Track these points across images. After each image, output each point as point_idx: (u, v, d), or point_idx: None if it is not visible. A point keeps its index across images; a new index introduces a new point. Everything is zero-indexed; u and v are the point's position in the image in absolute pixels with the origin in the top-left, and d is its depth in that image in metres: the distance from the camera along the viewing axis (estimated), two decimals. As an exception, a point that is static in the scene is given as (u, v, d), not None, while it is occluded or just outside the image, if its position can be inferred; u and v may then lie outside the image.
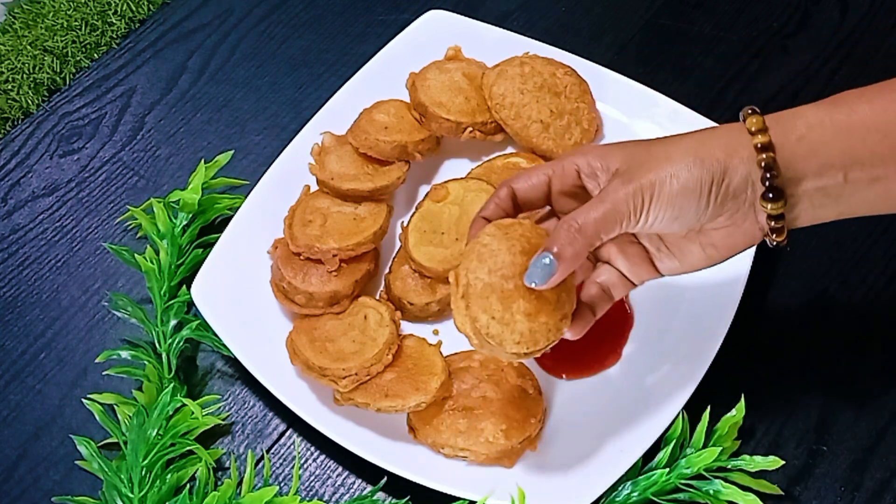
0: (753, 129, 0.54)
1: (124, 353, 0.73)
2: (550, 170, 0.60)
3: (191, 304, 0.74)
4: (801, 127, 0.54)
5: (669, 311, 0.73)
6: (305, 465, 0.71)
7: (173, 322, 0.74)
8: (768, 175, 0.53)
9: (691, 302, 0.72)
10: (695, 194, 0.54)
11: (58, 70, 0.91)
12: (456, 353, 0.72)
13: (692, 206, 0.54)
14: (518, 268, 0.56)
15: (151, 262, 0.76)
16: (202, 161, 0.80)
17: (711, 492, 0.65)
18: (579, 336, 0.59)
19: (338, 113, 0.81)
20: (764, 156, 0.53)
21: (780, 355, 0.73)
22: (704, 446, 0.67)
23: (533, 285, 0.55)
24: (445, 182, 0.78)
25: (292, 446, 0.72)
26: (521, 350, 0.56)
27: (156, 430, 0.69)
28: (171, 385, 0.71)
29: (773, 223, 0.55)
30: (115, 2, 0.94)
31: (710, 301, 0.71)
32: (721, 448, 0.66)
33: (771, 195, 0.54)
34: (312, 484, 0.70)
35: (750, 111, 0.55)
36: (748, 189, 0.54)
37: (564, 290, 0.57)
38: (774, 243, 0.57)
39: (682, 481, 0.66)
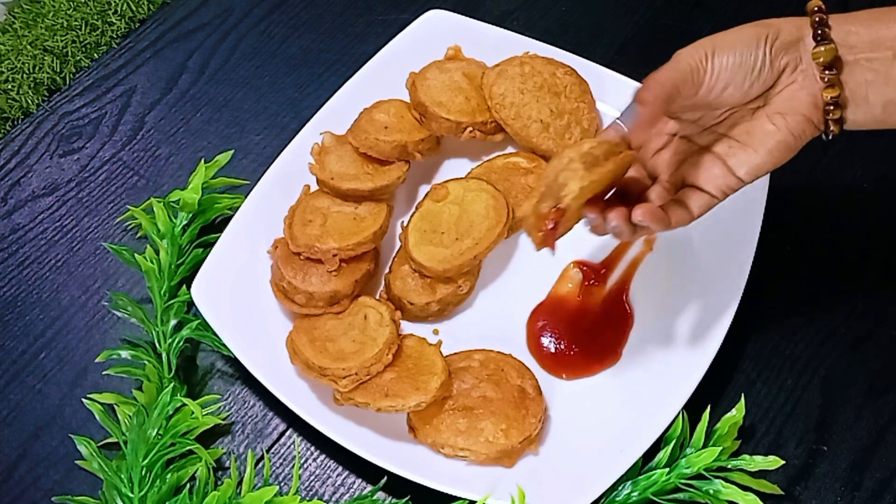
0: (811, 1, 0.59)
1: (124, 353, 0.73)
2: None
3: (191, 303, 0.74)
4: (860, 12, 0.59)
5: (669, 311, 0.73)
6: (305, 465, 0.71)
7: (173, 322, 0.74)
8: (818, 21, 0.59)
9: (691, 302, 0.72)
10: (751, 42, 0.59)
11: (58, 70, 0.91)
12: (456, 353, 0.72)
13: (751, 51, 0.59)
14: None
15: (151, 262, 0.76)
16: (202, 161, 0.80)
17: (711, 492, 0.65)
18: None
19: (338, 113, 0.81)
20: (817, 16, 0.59)
21: (780, 354, 0.73)
22: (704, 446, 0.67)
23: (622, 126, 0.61)
24: (445, 182, 0.78)
25: (292, 446, 0.72)
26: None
27: (156, 430, 0.69)
28: (171, 385, 0.71)
29: (826, 74, 0.58)
30: (115, 2, 0.94)
31: (710, 301, 0.71)
32: (721, 448, 0.66)
33: (820, 37, 0.58)
34: (312, 484, 0.70)
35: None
36: (800, 43, 0.59)
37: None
38: (830, 129, 0.60)
39: (682, 481, 0.66)
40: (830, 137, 0.61)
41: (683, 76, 0.60)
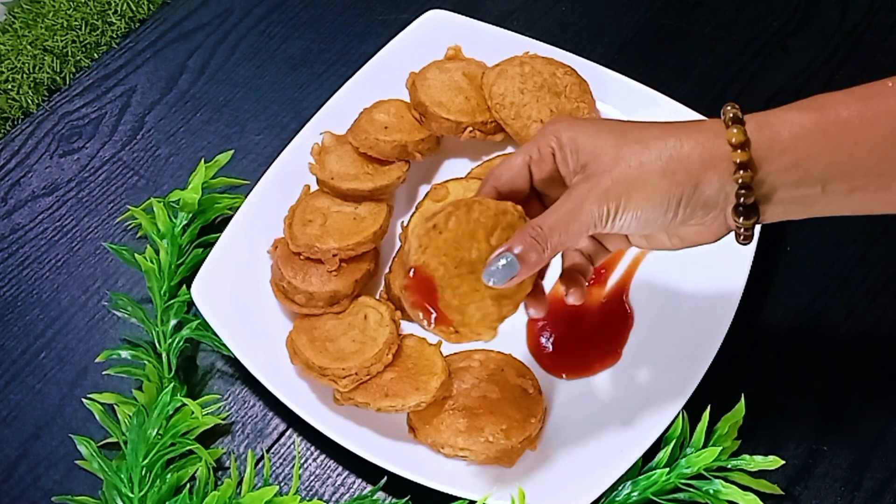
0: (734, 141, 0.52)
1: (124, 353, 0.73)
2: (528, 156, 0.57)
3: (191, 303, 0.74)
4: (786, 137, 0.52)
5: (669, 311, 0.73)
6: (305, 465, 0.71)
7: (173, 322, 0.74)
8: (742, 192, 0.52)
9: (691, 302, 0.72)
10: (662, 207, 0.53)
11: (58, 70, 0.91)
12: (456, 353, 0.72)
13: (660, 216, 0.54)
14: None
15: (151, 262, 0.76)
16: (202, 161, 0.80)
17: (711, 491, 0.65)
18: (579, 302, 0.60)
19: (338, 113, 0.81)
20: (741, 174, 0.52)
21: (780, 355, 0.73)
22: (704, 446, 0.67)
23: (490, 283, 0.55)
24: (445, 182, 0.78)
25: (292, 446, 0.72)
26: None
27: (156, 430, 0.69)
28: (171, 385, 0.71)
29: (742, 230, 0.54)
30: (115, 1, 0.94)
31: (710, 301, 0.71)
32: (721, 448, 0.66)
33: (743, 210, 0.53)
34: (312, 484, 0.70)
35: (731, 116, 0.52)
36: (720, 200, 0.53)
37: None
38: (741, 241, 0.56)
39: (682, 481, 0.66)
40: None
41: (578, 236, 0.54)
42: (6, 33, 0.93)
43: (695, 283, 0.73)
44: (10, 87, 0.90)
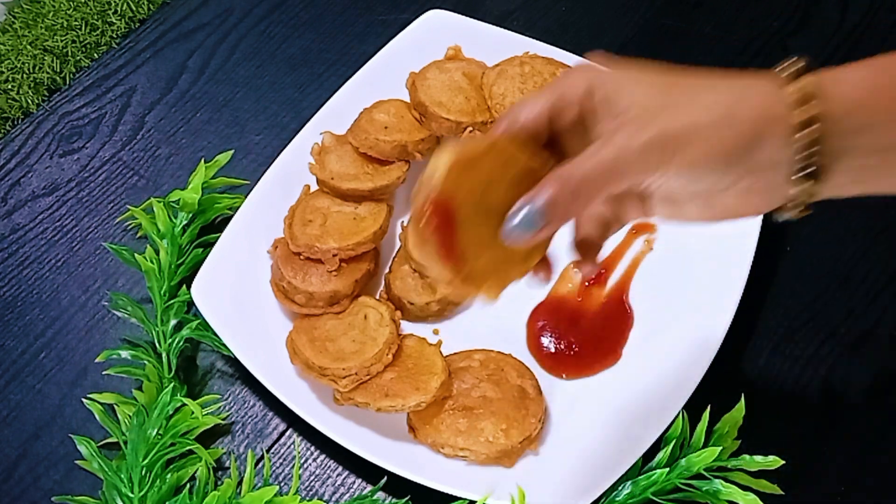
0: (799, 95, 0.44)
1: (124, 353, 0.73)
2: (552, 100, 0.49)
3: (191, 303, 0.74)
4: (855, 97, 0.44)
5: (669, 312, 0.72)
6: (305, 465, 0.71)
7: (173, 322, 0.74)
8: (806, 152, 0.44)
9: (691, 302, 0.72)
10: (710, 165, 0.45)
11: (58, 70, 0.91)
12: (456, 353, 0.72)
13: (706, 175, 0.45)
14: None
15: (151, 262, 0.76)
16: (202, 161, 0.80)
17: (711, 491, 0.65)
18: (593, 275, 0.55)
19: (338, 113, 0.81)
20: (806, 132, 0.44)
21: (780, 355, 0.73)
22: (704, 446, 0.67)
23: (511, 238, 0.47)
24: (445, 182, 0.77)
25: (292, 446, 0.72)
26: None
27: (156, 430, 0.69)
28: (171, 385, 0.71)
29: (800, 199, 0.46)
30: (115, 1, 0.94)
31: (710, 300, 0.71)
32: (721, 448, 0.66)
33: (804, 175, 0.45)
34: (312, 484, 0.70)
35: (798, 68, 0.44)
36: (779, 162, 0.45)
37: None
38: (783, 219, 0.49)
39: (682, 481, 0.66)
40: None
41: (612, 189, 0.46)
42: (6, 33, 0.93)
43: (694, 283, 0.73)
44: (10, 87, 0.90)
